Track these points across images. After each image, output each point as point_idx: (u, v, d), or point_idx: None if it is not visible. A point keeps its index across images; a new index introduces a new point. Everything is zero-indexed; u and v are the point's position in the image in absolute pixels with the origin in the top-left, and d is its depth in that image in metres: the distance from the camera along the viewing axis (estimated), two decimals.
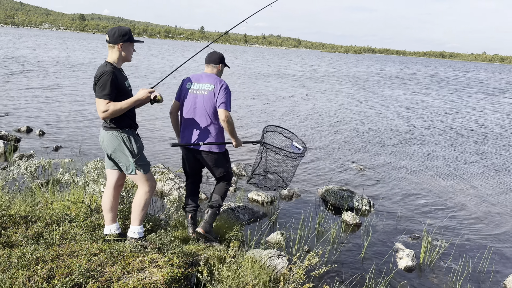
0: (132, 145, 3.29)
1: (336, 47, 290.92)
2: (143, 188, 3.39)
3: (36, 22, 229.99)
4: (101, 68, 3.15)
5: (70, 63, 25.43)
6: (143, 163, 3.36)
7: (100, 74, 3.10)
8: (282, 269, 3.69)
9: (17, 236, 3.35)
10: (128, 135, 3.27)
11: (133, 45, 3.30)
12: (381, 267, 4.21)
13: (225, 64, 4.16)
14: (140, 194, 3.40)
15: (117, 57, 3.23)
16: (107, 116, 3.09)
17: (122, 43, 3.18)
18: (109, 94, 3.08)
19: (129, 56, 3.29)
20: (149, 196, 3.42)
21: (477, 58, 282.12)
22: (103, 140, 3.31)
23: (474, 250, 4.78)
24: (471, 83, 37.52)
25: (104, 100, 3.07)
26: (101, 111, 3.08)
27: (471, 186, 7.12)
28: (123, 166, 3.32)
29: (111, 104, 3.08)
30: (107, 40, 3.22)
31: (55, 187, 4.91)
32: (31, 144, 7.43)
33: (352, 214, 5.28)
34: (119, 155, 3.28)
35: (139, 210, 3.42)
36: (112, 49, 3.22)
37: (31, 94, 12.90)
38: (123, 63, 3.30)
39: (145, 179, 3.37)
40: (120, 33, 3.18)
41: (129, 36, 3.23)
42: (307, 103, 16.06)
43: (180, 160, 4.12)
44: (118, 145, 3.24)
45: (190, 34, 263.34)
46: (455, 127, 12.92)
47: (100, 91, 3.08)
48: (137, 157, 3.31)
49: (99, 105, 3.09)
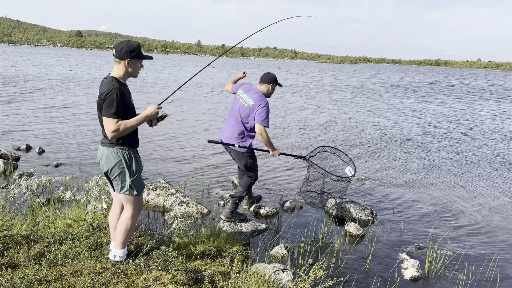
0: (132, 164, 3.21)
1: (332, 58, 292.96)
2: (130, 210, 3.27)
3: (34, 39, 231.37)
4: (107, 85, 3.02)
5: (72, 80, 25.52)
6: (139, 184, 3.27)
7: (107, 92, 2.97)
8: (287, 283, 3.66)
9: (19, 257, 3.33)
10: (129, 153, 3.18)
11: (141, 61, 3.19)
12: (387, 278, 4.18)
13: (277, 84, 5.02)
14: (126, 217, 3.27)
15: (123, 73, 3.12)
16: (117, 135, 2.99)
17: (129, 59, 3.07)
18: (118, 113, 2.98)
19: (136, 72, 3.18)
20: (135, 220, 3.32)
21: (472, 65, 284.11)
22: (101, 156, 3.20)
23: (479, 259, 4.75)
24: (472, 90, 37.76)
25: (113, 119, 2.96)
26: (110, 130, 2.96)
27: (475, 194, 7.10)
28: (117, 184, 3.20)
29: (122, 123, 2.98)
30: (114, 55, 3.11)
31: (56, 205, 4.89)
32: (31, 163, 7.41)
33: (356, 225, 5.25)
34: (116, 173, 3.17)
35: (125, 234, 3.29)
36: (118, 64, 3.10)
37: (30, 112, 12.93)
38: (128, 78, 3.20)
39: (135, 201, 3.27)
40: (127, 48, 3.05)
41: (138, 52, 3.10)
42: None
43: (181, 176, 4.30)
44: (118, 162, 3.14)
45: (187, 48, 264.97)
46: (459, 134, 12.94)
47: (109, 110, 2.96)
48: (135, 177, 3.22)
49: (108, 124, 2.97)
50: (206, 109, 15.91)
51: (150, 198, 5.70)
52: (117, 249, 3.34)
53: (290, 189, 6.79)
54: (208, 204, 5.89)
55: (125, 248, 3.39)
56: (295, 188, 6.84)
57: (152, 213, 5.50)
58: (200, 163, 8.11)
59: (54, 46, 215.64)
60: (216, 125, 12.60)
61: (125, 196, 3.24)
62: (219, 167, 7.89)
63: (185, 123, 12.74)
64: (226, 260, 3.95)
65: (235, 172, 7.51)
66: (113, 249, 3.38)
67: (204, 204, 5.82)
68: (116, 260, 3.33)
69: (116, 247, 3.35)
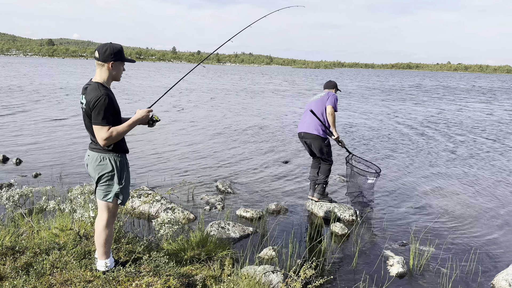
0: (123, 171, 3.17)
1: (307, 63, 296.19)
2: (105, 219, 3.18)
3: (3, 49, 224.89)
4: (94, 91, 2.97)
5: (48, 89, 24.93)
6: (126, 194, 3.23)
7: (96, 99, 2.92)
8: (278, 284, 3.70)
9: (5, 268, 3.26)
10: (121, 160, 3.15)
11: (124, 64, 3.16)
12: (373, 275, 4.27)
13: (338, 89, 6.34)
14: (102, 227, 3.17)
15: (107, 76, 3.07)
16: (109, 142, 2.96)
17: (113, 61, 3.03)
18: (108, 120, 2.94)
19: (119, 76, 3.15)
20: (111, 228, 3.24)
21: (442, 67, 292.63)
22: (90, 161, 3.13)
23: (460, 252, 4.91)
24: (456, 91, 39.09)
25: (105, 127, 2.93)
26: (102, 138, 2.93)
27: (452, 191, 7.33)
28: (103, 190, 3.13)
29: (113, 130, 2.95)
30: (96, 57, 3.05)
31: (39, 215, 4.78)
32: (9, 173, 7.22)
33: (341, 225, 5.34)
34: (104, 179, 3.11)
35: (105, 244, 3.21)
36: (101, 68, 3.05)
37: (4, 123, 12.57)
38: (112, 82, 3.15)
39: (113, 210, 3.21)
40: (111, 51, 3.02)
41: (121, 54, 3.08)
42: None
43: (165, 182, 4.25)
44: (109, 169, 3.09)
45: (162, 55, 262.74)
46: (437, 131, 13.31)
47: (99, 117, 2.92)
48: (123, 185, 3.17)
49: (99, 132, 2.93)
50: (188, 118, 15.85)
51: (135, 205, 5.65)
52: (102, 259, 3.29)
53: (274, 192, 6.84)
54: (193, 209, 5.88)
55: (110, 255, 3.34)
56: (279, 191, 6.91)
57: (137, 221, 5.45)
58: (183, 169, 8.08)
59: (25, 55, 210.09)
60: (199, 133, 12.57)
61: (105, 203, 3.16)
62: (202, 172, 7.88)
63: (167, 129, 12.66)
64: (216, 264, 3.96)
65: (219, 177, 7.52)
66: (99, 260, 3.30)
67: (190, 209, 5.81)
68: (106, 269, 3.29)
69: (100, 258, 3.28)
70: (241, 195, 6.64)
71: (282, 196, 6.69)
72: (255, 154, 9.62)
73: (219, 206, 6.05)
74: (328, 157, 6.02)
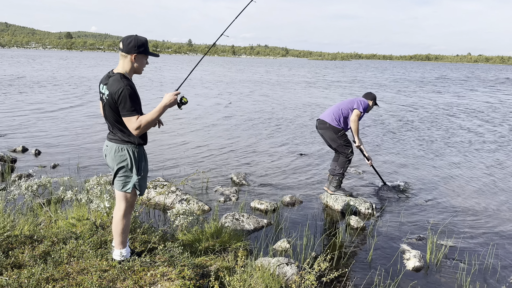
0: (141, 162, 3.19)
1: (323, 55, 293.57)
2: (123, 209, 3.22)
3: (23, 42, 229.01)
4: (117, 83, 2.95)
5: (67, 81, 25.32)
6: (144, 184, 3.26)
7: (120, 91, 2.91)
8: (292, 276, 3.68)
9: (24, 257, 3.32)
10: (139, 151, 3.16)
11: (147, 57, 3.13)
12: (389, 268, 4.22)
13: (376, 103, 6.23)
14: (119, 217, 3.22)
15: (129, 68, 3.06)
16: (142, 131, 2.96)
17: (136, 54, 3.02)
18: (136, 109, 2.94)
19: (141, 69, 3.13)
20: (129, 218, 3.28)
21: (462, 59, 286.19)
22: (109, 152, 3.14)
23: (479, 247, 4.81)
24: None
25: (133, 117, 2.93)
26: (133, 128, 2.94)
27: (472, 184, 7.19)
28: (121, 181, 3.16)
29: (142, 118, 2.94)
30: (120, 48, 3.04)
31: (57, 205, 4.86)
32: (28, 164, 7.36)
33: (356, 218, 5.29)
34: (123, 170, 3.13)
35: (122, 234, 3.26)
36: (124, 59, 3.04)
37: (25, 114, 12.82)
38: (133, 74, 3.15)
39: (132, 201, 3.25)
40: (135, 43, 3.00)
41: (145, 48, 3.05)
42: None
43: (180, 174, 4.26)
44: (127, 159, 3.11)
45: (178, 47, 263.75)
46: (456, 125, 13.05)
47: (126, 109, 2.92)
48: (141, 176, 3.20)
49: (130, 123, 2.94)
50: (205, 109, 15.90)
51: (151, 196, 5.70)
52: (118, 249, 3.34)
53: (289, 184, 6.82)
54: (208, 201, 5.90)
55: (127, 245, 3.38)
56: (294, 183, 6.88)
57: (153, 211, 5.50)
58: (198, 161, 8.11)
59: (44, 48, 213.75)
60: (214, 124, 12.60)
61: (123, 194, 3.19)
62: (217, 164, 7.90)
63: (183, 121, 12.72)
64: (230, 255, 3.96)
65: (233, 169, 7.52)
66: (115, 250, 3.34)
67: (205, 201, 5.83)
68: (122, 259, 3.32)
69: (117, 248, 3.33)
70: (256, 187, 6.64)
71: (297, 188, 6.66)
72: (271, 146, 9.59)
73: (233, 198, 6.06)
74: (343, 149, 5.91)
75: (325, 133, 5.92)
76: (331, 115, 5.90)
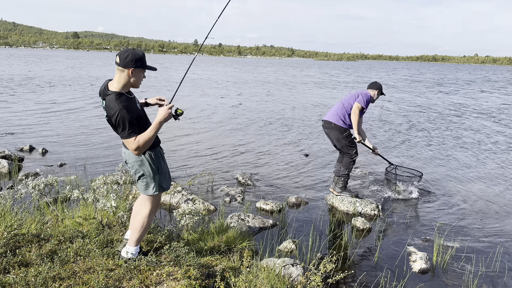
0: (160, 162, 3.24)
1: (329, 55, 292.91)
2: (149, 208, 3.29)
3: (30, 41, 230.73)
4: (112, 105, 2.92)
5: (71, 80, 25.47)
6: (166, 184, 3.31)
7: (116, 115, 2.88)
8: (297, 277, 3.68)
9: (31, 255, 3.34)
10: (154, 152, 3.20)
11: (145, 71, 3.08)
12: (395, 270, 4.20)
13: (382, 93, 6.08)
14: (144, 215, 3.28)
15: (125, 82, 3.00)
16: (141, 150, 2.98)
17: (133, 68, 2.96)
18: (133, 130, 2.93)
19: (138, 83, 3.07)
20: (151, 218, 3.34)
21: (469, 60, 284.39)
22: (127, 158, 3.20)
23: (486, 249, 4.77)
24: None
25: (131, 138, 2.93)
26: (132, 149, 2.96)
27: (479, 185, 7.13)
28: (145, 184, 3.21)
29: (140, 138, 2.94)
30: (117, 63, 2.97)
31: (64, 204, 4.89)
32: (35, 163, 7.40)
33: (362, 219, 5.27)
34: (142, 174, 3.19)
35: (140, 231, 3.31)
36: (121, 73, 2.97)
37: (33, 113, 12.91)
38: (130, 88, 3.08)
39: (155, 200, 3.31)
40: (133, 57, 2.94)
41: (142, 62, 3.00)
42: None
43: (186, 173, 4.27)
44: (144, 164, 3.16)
45: (184, 47, 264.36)
46: (467, 125, 12.97)
47: (124, 132, 2.93)
48: (162, 174, 3.25)
49: (128, 144, 2.96)
50: (213, 109, 15.93)
51: None
52: (130, 246, 3.36)
53: (295, 185, 6.80)
54: (213, 201, 5.91)
55: (138, 245, 3.40)
56: (300, 184, 6.87)
57: (159, 211, 5.51)
58: (204, 161, 8.12)
59: (51, 47, 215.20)
60: (221, 124, 12.61)
61: (145, 196, 3.27)
62: (223, 165, 7.90)
63: (190, 121, 12.74)
64: (236, 256, 3.96)
65: (239, 169, 7.52)
66: (125, 245, 3.39)
67: (210, 201, 5.84)
68: (128, 257, 3.34)
69: (129, 244, 3.36)
70: (261, 188, 6.63)
71: (302, 189, 6.64)
72: (276, 146, 9.59)
73: (239, 198, 6.06)
74: (348, 150, 5.87)
75: (331, 132, 5.91)
76: (336, 114, 5.86)
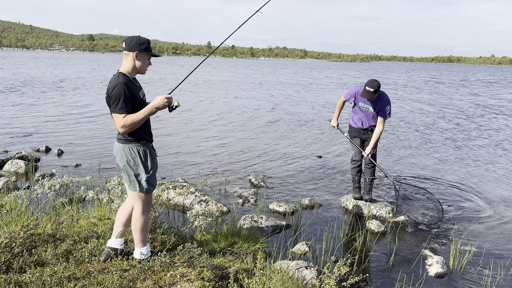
0: (147, 161, 3.19)
1: (342, 56, 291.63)
2: (140, 208, 3.25)
3: (47, 44, 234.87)
4: (113, 81, 3.02)
5: (88, 81, 25.82)
6: (154, 182, 3.26)
7: (112, 87, 2.96)
8: (311, 280, 3.64)
9: (47, 255, 3.37)
10: (144, 149, 3.17)
11: (149, 57, 3.16)
12: (411, 274, 4.13)
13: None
14: (137, 215, 3.26)
15: (131, 67, 3.09)
16: (127, 130, 2.98)
17: (138, 51, 3.05)
18: (125, 107, 2.96)
19: (143, 68, 3.14)
20: (147, 216, 3.30)
21: (486, 61, 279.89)
22: (117, 153, 3.19)
23: (504, 254, 4.67)
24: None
25: (121, 114, 2.95)
26: (119, 125, 2.97)
27: (497, 187, 6.99)
28: (132, 181, 3.18)
29: (129, 117, 2.96)
30: (123, 47, 3.08)
31: (79, 205, 4.94)
32: (51, 163, 7.51)
33: (377, 222, 5.21)
34: (131, 170, 3.15)
35: (141, 232, 3.29)
36: (126, 57, 3.08)
37: (49, 114, 13.11)
38: (136, 74, 3.16)
39: (147, 200, 3.27)
40: (137, 41, 3.05)
41: (147, 46, 3.09)
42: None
43: (199, 175, 4.24)
44: (134, 159, 3.13)
45: (198, 49, 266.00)
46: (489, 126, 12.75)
47: (115, 105, 2.95)
48: (150, 175, 3.19)
49: (116, 119, 2.98)
50: (229, 110, 15.97)
51: (170, 197, 5.73)
52: (139, 248, 3.35)
53: (308, 187, 6.76)
54: (227, 202, 5.90)
55: (147, 244, 3.40)
56: (313, 186, 6.82)
57: (172, 212, 5.53)
58: (217, 162, 8.13)
59: (67, 50, 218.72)
60: (235, 125, 12.62)
61: (135, 193, 3.22)
62: (236, 166, 7.90)
63: (203, 122, 12.79)
64: (249, 257, 3.95)
65: (252, 171, 7.51)
66: (135, 248, 3.37)
67: (223, 202, 5.84)
68: (142, 258, 3.34)
69: (137, 246, 3.35)
70: (274, 189, 6.61)
71: (316, 191, 6.60)
72: (290, 148, 9.55)
73: (252, 199, 6.04)
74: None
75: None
76: (350, 119, 6.02)
